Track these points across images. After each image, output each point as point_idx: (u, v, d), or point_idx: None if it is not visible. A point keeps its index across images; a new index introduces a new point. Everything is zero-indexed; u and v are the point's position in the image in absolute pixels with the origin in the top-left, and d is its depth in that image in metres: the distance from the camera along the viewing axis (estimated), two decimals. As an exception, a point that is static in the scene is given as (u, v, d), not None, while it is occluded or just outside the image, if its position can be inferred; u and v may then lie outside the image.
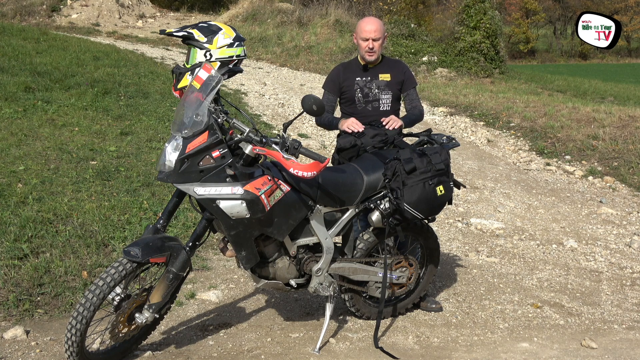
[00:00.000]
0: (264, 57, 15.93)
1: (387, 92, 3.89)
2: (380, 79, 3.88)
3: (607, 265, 5.02)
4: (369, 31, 3.77)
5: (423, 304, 4.08)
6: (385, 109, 3.88)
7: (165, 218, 3.13)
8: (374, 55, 3.81)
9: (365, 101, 3.88)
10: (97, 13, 18.50)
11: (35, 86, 8.29)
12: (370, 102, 3.88)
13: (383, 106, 3.89)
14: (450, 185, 3.52)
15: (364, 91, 3.87)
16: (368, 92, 3.87)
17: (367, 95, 3.87)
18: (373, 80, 3.88)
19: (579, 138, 8.55)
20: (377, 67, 3.90)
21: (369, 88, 3.87)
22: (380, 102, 3.88)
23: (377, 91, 3.87)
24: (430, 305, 4.07)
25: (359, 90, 3.87)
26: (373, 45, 3.77)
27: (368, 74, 3.89)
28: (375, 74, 3.88)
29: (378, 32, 3.76)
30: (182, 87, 3.01)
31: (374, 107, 3.88)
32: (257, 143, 2.94)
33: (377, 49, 3.80)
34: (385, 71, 3.89)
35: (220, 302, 3.99)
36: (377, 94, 3.87)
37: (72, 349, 2.87)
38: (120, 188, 5.28)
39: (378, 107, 3.88)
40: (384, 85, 3.88)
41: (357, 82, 3.88)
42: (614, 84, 20.05)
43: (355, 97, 3.88)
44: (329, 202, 3.35)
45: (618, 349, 3.69)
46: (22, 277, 3.80)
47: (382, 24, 3.83)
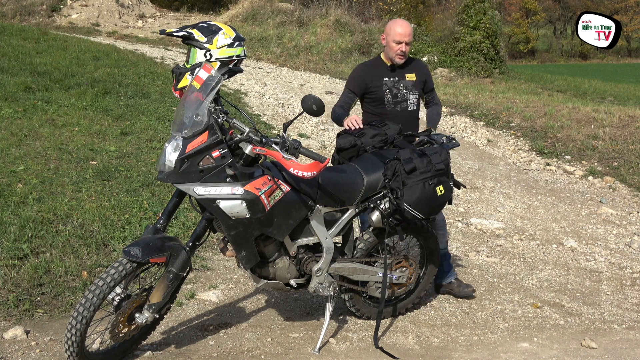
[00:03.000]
0: (264, 57, 15.93)
1: (414, 92, 3.94)
2: (407, 79, 3.92)
3: (607, 265, 5.02)
4: (402, 34, 3.81)
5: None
6: (413, 109, 3.95)
7: (165, 218, 3.13)
8: (403, 58, 3.87)
9: (395, 102, 3.91)
10: (97, 13, 18.49)
11: (35, 86, 8.29)
12: (399, 103, 3.91)
13: (411, 106, 3.94)
14: (450, 185, 3.52)
15: (392, 92, 3.90)
16: (397, 93, 3.90)
17: (396, 95, 3.90)
18: (400, 81, 3.92)
19: (579, 138, 8.55)
20: (403, 67, 3.94)
21: (397, 89, 3.90)
22: (409, 103, 3.93)
23: (405, 91, 3.91)
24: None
25: (388, 91, 3.90)
26: (405, 49, 3.83)
27: (395, 74, 3.92)
28: (402, 75, 3.93)
29: (410, 36, 3.84)
30: (182, 87, 3.01)
31: (403, 108, 3.92)
32: (257, 143, 2.94)
33: (407, 52, 3.88)
34: (410, 71, 3.95)
35: (220, 302, 3.99)
36: (405, 94, 3.91)
37: (72, 349, 2.87)
38: (120, 188, 5.28)
39: (407, 108, 3.93)
40: (411, 85, 3.93)
41: (385, 82, 3.90)
42: (614, 84, 20.05)
43: (385, 97, 3.91)
44: (329, 202, 3.35)
45: (618, 349, 3.69)
46: (22, 277, 3.80)
47: (412, 28, 3.92)
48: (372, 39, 17.44)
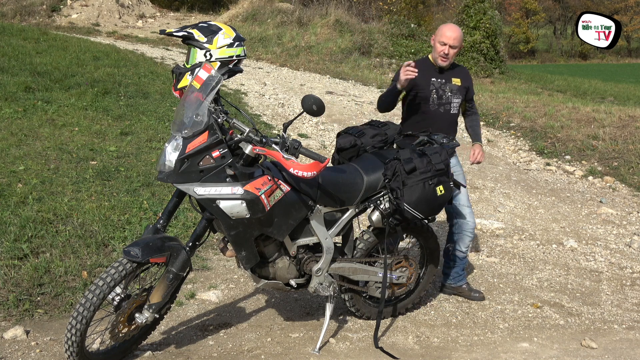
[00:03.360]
0: (264, 57, 15.92)
1: (458, 97, 4.01)
2: (453, 82, 3.99)
3: (607, 265, 5.02)
4: (448, 37, 3.87)
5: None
6: (454, 113, 4.03)
7: (165, 218, 3.13)
8: (446, 61, 3.92)
9: (439, 103, 3.97)
10: (97, 13, 18.49)
11: (35, 86, 8.29)
12: (443, 105, 3.98)
13: (453, 109, 4.02)
14: (450, 185, 3.52)
15: (438, 93, 3.96)
16: (442, 95, 3.97)
17: (441, 97, 3.97)
18: (447, 83, 3.98)
19: (579, 138, 8.55)
20: (450, 71, 4.02)
21: (443, 90, 3.97)
22: (452, 106, 4.00)
23: (450, 94, 3.99)
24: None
25: (435, 92, 3.96)
26: (448, 52, 3.89)
27: (443, 76, 3.99)
28: (449, 77, 4.00)
29: (457, 40, 3.88)
30: (182, 87, 3.00)
31: (446, 110, 3.99)
32: (257, 143, 2.94)
33: (452, 56, 3.92)
34: (456, 76, 4.03)
35: (220, 302, 3.99)
36: (450, 97, 3.99)
37: (72, 349, 2.87)
38: (120, 188, 5.28)
39: (449, 110, 4.00)
40: (456, 89, 4.00)
41: (432, 82, 3.96)
42: (614, 84, 20.05)
43: (430, 97, 3.96)
44: (329, 202, 3.35)
45: (618, 349, 3.69)
46: (22, 277, 3.80)
47: (462, 35, 3.96)
48: (372, 39, 17.44)
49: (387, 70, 15.89)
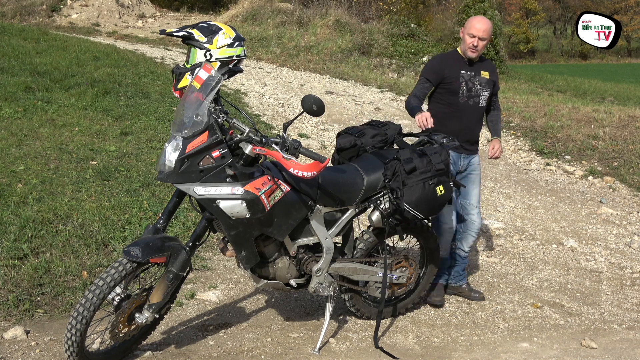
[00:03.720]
0: (264, 57, 15.92)
1: (487, 90, 4.01)
2: (482, 75, 3.98)
3: (607, 265, 5.02)
4: (477, 29, 3.86)
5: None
6: (482, 106, 4.02)
7: (165, 218, 3.13)
8: (475, 53, 3.91)
9: (468, 95, 3.96)
10: (97, 13, 18.49)
11: (35, 86, 8.29)
12: (472, 97, 3.97)
13: (481, 102, 4.01)
14: (450, 185, 3.52)
15: (468, 85, 3.95)
16: (472, 87, 3.96)
17: (471, 90, 3.96)
18: (476, 76, 3.97)
19: (579, 138, 8.55)
20: (479, 63, 4.01)
21: (473, 83, 3.96)
22: (480, 99, 3.99)
23: (479, 87, 3.97)
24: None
25: (464, 84, 3.94)
26: (477, 44, 3.87)
27: (472, 68, 3.97)
28: (478, 70, 3.98)
29: (486, 32, 3.87)
30: (182, 87, 3.01)
31: (475, 102, 3.98)
32: (257, 143, 2.94)
33: (480, 48, 3.91)
34: (485, 69, 4.02)
35: (220, 302, 3.99)
36: (479, 90, 3.97)
37: (72, 349, 2.87)
38: (120, 188, 5.28)
39: (478, 103, 3.99)
40: (485, 82, 3.99)
41: (462, 74, 3.95)
42: (614, 84, 20.05)
43: (460, 89, 3.95)
44: (329, 202, 3.35)
45: (618, 349, 3.69)
46: (22, 277, 3.80)
47: (491, 27, 3.96)
48: (372, 39, 17.43)
49: (387, 70, 15.88)
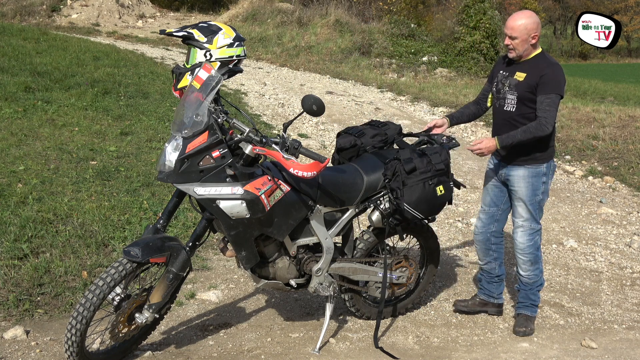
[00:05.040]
0: (264, 57, 15.92)
1: (513, 93, 3.58)
2: (515, 76, 3.60)
3: (607, 265, 5.02)
4: (507, 27, 3.55)
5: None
6: (510, 109, 3.60)
7: (165, 218, 3.13)
8: (512, 53, 3.57)
9: (497, 97, 3.69)
10: (97, 13, 18.49)
11: (35, 86, 8.29)
12: (500, 99, 3.67)
13: (507, 106, 3.61)
14: (450, 185, 3.52)
15: (497, 86, 3.70)
16: (500, 88, 3.66)
17: (499, 91, 3.67)
18: (509, 77, 3.62)
19: (579, 138, 8.55)
20: (521, 64, 3.60)
21: (502, 84, 3.65)
22: (506, 102, 3.62)
23: (507, 89, 3.61)
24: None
25: (496, 85, 3.71)
26: (509, 43, 3.55)
27: (509, 69, 3.65)
28: (514, 71, 3.61)
29: (514, 30, 3.48)
30: (182, 87, 3.01)
31: (500, 105, 3.66)
32: (257, 143, 2.94)
33: (517, 47, 3.52)
34: (524, 70, 3.57)
35: (220, 302, 3.99)
36: (506, 92, 3.62)
37: (72, 349, 2.87)
38: (120, 188, 5.28)
39: (503, 106, 3.64)
40: (515, 84, 3.58)
41: (498, 74, 3.71)
42: (614, 84, 20.03)
43: (493, 91, 3.75)
44: (329, 202, 3.35)
45: (618, 349, 3.69)
46: (22, 277, 3.80)
47: (526, 24, 3.49)
48: (372, 39, 17.43)
49: (387, 71, 15.88)
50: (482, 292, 4.02)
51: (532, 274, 3.77)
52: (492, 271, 3.94)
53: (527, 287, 3.82)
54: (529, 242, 3.70)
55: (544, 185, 3.65)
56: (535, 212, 3.67)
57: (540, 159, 3.61)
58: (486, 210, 3.86)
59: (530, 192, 3.63)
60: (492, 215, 3.84)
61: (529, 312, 3.86)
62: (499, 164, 3.74)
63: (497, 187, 3.79)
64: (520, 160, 3.62)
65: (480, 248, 3.92)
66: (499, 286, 3.98)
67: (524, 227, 3.69)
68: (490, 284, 3.97)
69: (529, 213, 3.67)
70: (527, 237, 3.70)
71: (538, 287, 3.84)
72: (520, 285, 3.86)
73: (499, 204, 3.81)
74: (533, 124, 3.46)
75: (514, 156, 3.62)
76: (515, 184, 3.65)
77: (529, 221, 3.68)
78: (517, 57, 3.58)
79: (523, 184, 3.63)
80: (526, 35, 3.49)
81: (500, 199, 3.80)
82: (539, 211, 3.72)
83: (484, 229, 3.87)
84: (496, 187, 3.80)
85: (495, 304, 4.01)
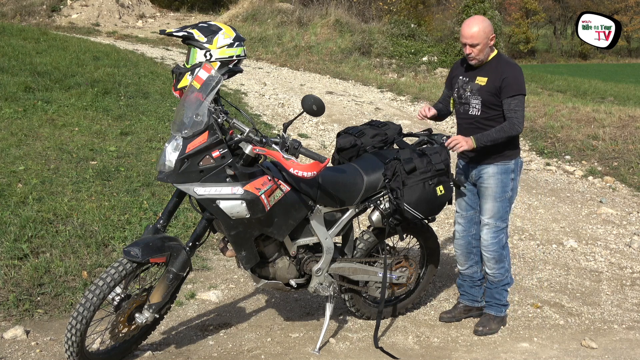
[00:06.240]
0: (264, 57, 15.92)
1: (477, 97, 3.60)
2: (476, 81, 3.61)
3: (607, 265, 5.02)
4: (463, 35, 3.52)
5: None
6: (475, 114, 3.62)
7: (165, 218, 3.13)
8: (473, 60, 3.57)
9: (459, 102, 3.71)
10: (97, 13, 18.48)
11: (35, 86, 8.29)
12: (463, 104, 3.68)
13: (472, 110, 3.63)
14: (450, 185, 3.52)
15: (459, 92, 3.70)
16: (462, 94, 3.67)
17: (461, 96, 3.68)
18: (470, 82, 3.64)
19: (579, 138, 8.55)
20: (481, 68, 3.61)
21: (464, 89, 3.66)
22: (470, 106, 3.65)
23: (469, 94, 3.63)
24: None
25: (457, 90, 3.72)
26: (470, 51, 3.53)
27: (468, 74, 3.66)
28: (474, 76, 3.63)
29: (473, 38, 3.47)
30: (182, 87, 3.01)
31: (465, 110, 3.67)
32: (257, 143, 2.94)
33: (477, 54, 3.53)
34: (484, 74, 3.59)
35: (220, 302, 3.99)
36: (469, 97, 3.63)
37: (72, 349, 2.87)
38: (120, 188, 5.28)
39: (467, 111, 3.66)
40: (477, 89, 3.60)
41: (458, 80, 3.71)
42: (614, 84, 20.03)
43: (454, 96, 3.76)
44: (329, 202, 3.35)
45: (618, 349, 3.69)
46: (22, 277, 3.80)
47: (483, 28, 3.49)
48: (372, 39, 17.43)
49: (387, 71, 15.88)
50: (465, 297, 4.00)
51: (497, 272, 3.78)
52: (474, 275, 3.94)
53: (492, 286, 3.84)
54: (493, 240, 3.72)
55: (512, 182, 3.69)
56: (503, 209, 3.71)
57: (508, 156, 3.64)
58: (464, 215, 3.87)
59: (500, 189, 3.67)
60: (471, 218, 3.85)
61: (494, 311, 3.87)
62: (467, 165, 3.76)
63: (470, 190, 3.81)
64: (490, 158, 3.65)
65: (462, 253, 3.92)
66: (481, 289, 3.98)
67: (489, 225, 3.72)
68: (473, 288, 3.97)
69: (496, 211, 3.70)
70: (491, 235, 3.72)
71: (504, 286, 3.84)
72: (487, 284, 3.89)
73: (474, 206, 3.82)
74: (506, 124, 3.51)
75: (483, 156, 3.65)
76: (486, 181, 3.67)
77: (495, 219, 3.70)
78: (479, 63, 3.59)
79: (493, 181, 3.66)
80: (486, 39, 3.51)
81: (475, 202, 3.81)
82: (508, 209, 3.76)
83: (465, 233, 3.88)
84: (469, 191, 3.81)
85: (480, 308, 4.00)
